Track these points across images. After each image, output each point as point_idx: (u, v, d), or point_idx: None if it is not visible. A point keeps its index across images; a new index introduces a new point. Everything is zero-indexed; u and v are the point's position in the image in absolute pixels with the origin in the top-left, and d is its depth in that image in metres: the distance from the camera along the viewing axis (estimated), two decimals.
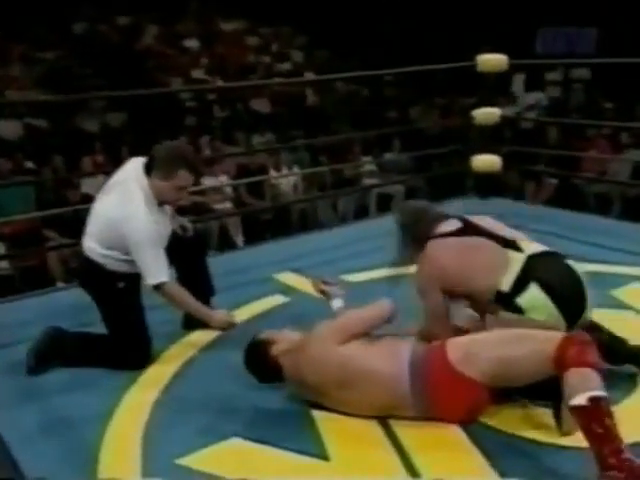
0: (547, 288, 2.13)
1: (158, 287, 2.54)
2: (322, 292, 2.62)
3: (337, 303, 2.52)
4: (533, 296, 2.14)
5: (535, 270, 2.16)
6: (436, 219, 2.39)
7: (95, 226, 2.59)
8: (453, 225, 2.35)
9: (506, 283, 2.17)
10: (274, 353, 2.25)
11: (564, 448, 2.00)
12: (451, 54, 4.88)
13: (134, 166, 2.57)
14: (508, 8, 8.37)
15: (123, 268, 2.57)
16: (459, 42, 5.88)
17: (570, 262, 2.23)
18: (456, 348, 2.08)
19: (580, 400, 1.78)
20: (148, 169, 2.51)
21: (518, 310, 2.17)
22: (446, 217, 2.41)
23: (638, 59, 4.66)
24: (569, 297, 2.16)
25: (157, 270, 2.51)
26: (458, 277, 2.26)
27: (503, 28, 4.46)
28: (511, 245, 2.24)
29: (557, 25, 8.58)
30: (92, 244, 2.58)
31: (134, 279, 2.60)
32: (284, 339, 2.29)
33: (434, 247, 2.32)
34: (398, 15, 10.52)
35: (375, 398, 2.11)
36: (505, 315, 2.19)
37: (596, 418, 1.76)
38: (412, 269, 2.42)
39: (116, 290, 2.59)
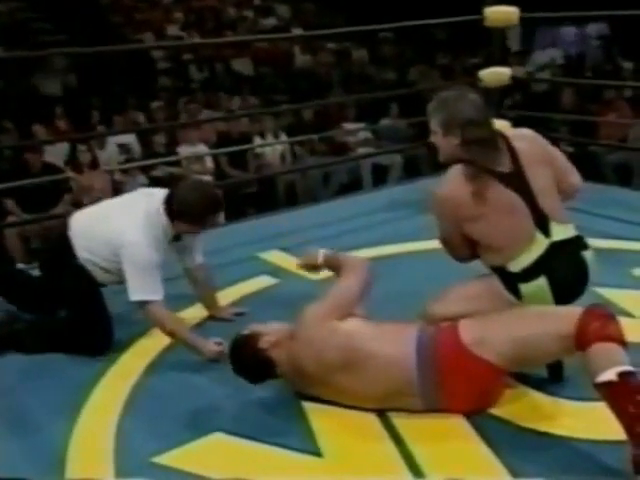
0: (555, 287, 2.17)
1: (141, 305, 2.59)
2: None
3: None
4: (538, 288, 2.17)
5: (552, 262, 2.17)
6: (484, 125, 2.21)
7: (90, 239, 2.67)
8: (503, 164, 2.17)
9: (518, 264, 2.17)
10: (264, 346, 2.22)
11: (575, 440, 2.03)
12: (452, 10, 4.84)
13: (147, 199, 2.70)
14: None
15: (97, 273, 2.68)
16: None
17: (587, 254, 2.23)
18: (470, 329, 2.09)
19: (608, 376, 1.81)
20: (170, 212, 2.62)
21: (516, 293, 2.20)
22: (491, 126, 2.23)
23: None
24: (568, 299, 2.19)
25: (143, 287, 2.56)
26: (473, 228, 2.20)
27: None
28: (542, 224, 2.18)
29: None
30: (80, 241, 2.68)
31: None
32: (272, 330, 2.26)
33: (466, 185, 2.15)
34: None
35: (379, 382, 2.11)
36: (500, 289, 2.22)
37: (626, 394, 1.80)
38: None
39: (73, 267, 2.67)
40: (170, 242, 2.71)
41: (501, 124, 4.75)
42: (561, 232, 2.21)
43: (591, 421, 2.08)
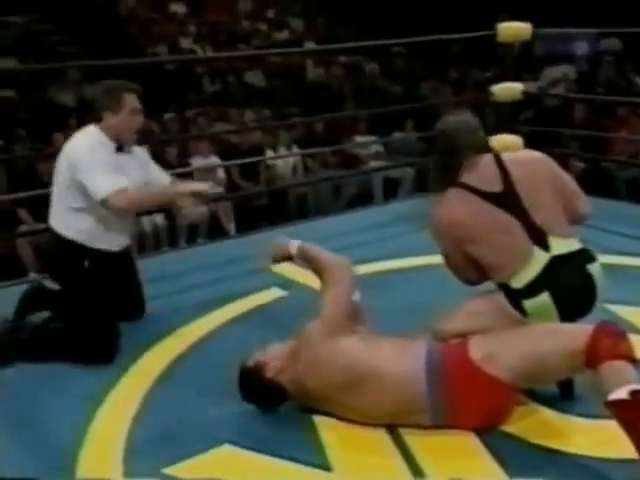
0: (559, 302, 2.16)
1: (107, 200, 2.62)
2: None
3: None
4: (542, 304, 2.17)
5: (554, 278, 2.17)
6: (473, 149, 2.30)
7: (54, 190, 2.78)
8: (494, 184, 2.24)
9: (520, 281, 2.18)
10: (270, 375, 2.23)
11: (586, 458, 2.02)
12: (464, 24, 4.87)
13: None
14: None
15: (82, 229, 2.73)
16: (473, 10, 5.89)
17: (593, 267, 2.22)
18: (479, 346, 2.09)
19: (620, 394, 1.81)
20: (96, 119, 2.78)
21: (521, 310, 2.20)
22: (485, 149, 2.35)
23: None
24: (576, 315, 2.19)
25: (105, 182, 2.61)
26: (472, 248, 2.24)
27: None
28: (540, 239, 2.19)
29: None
30: (55, 209, 2.79)
31: (99, 258, 2.75)
32: (274, 356, 2.26)
33: (460, 207, 2.25)
34: None
35: (385, 401, 2.11)
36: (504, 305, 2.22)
37: (637, 413, 1.79)
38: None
39: (81, 269, 2.73)
40: (115, 152, 2.75)
41: (513, 140, 4.78)
42: (562, 246, 2.20)
43: (602, 439, 2.07)
